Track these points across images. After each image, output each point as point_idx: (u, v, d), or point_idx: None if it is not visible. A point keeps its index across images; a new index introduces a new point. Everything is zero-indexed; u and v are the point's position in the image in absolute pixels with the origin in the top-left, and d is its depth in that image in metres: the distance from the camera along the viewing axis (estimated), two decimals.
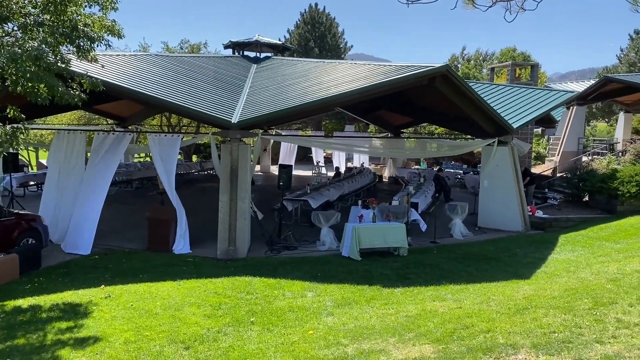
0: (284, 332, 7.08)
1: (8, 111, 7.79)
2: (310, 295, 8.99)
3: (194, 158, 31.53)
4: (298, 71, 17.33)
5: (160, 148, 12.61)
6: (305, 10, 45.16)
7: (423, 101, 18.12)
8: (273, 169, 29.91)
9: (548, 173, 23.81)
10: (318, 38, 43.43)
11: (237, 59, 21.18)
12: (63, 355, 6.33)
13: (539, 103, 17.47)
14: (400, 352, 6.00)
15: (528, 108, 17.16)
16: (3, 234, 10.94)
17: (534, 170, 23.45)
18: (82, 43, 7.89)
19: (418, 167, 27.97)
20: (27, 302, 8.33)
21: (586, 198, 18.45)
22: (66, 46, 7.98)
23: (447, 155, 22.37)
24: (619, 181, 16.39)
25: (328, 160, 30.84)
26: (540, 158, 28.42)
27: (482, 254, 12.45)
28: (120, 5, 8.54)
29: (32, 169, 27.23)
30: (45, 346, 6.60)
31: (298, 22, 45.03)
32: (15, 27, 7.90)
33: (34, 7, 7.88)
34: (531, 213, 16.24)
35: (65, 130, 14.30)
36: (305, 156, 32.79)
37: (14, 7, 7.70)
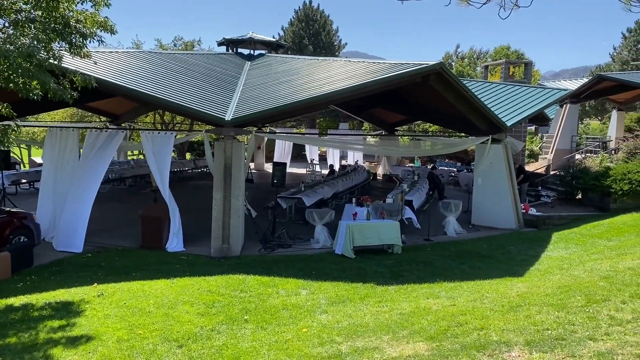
0: (278, 330, 7.06)
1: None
2: (304, 293, 8.98)
3: (188, 156, 31.45)
4: (292, 69, 17.29)
5: (153, 145, 12.54)
6: (299, 7, 45.17)
7: (417, 99, 18.13)
8: (267, 167, 29.88)
9: (541, 171, 23.93)
10: (312, 35, 43.41)
11: (231, 56, 21.13)
12: (55, 354, 6.28)
13: (533, 101, 17.52)
14: (394, 350, 6.00)
15: (522, 106, 17.20)
16: None
17: (528, 168, 23.53)
18: (75, 39, 7.83)
19: (412, 165, 28.02)
20: (19, 301, 8.27)
21: (579, 196, 18.52)
22: (58, 42, 7.92)
23: (441, 153, 22.40)
24: (612, 179, 16.45)
25: (322, 158, 30.84)
26: (533, 156, 28.53)
27: (476, 252, 12.48)
28: (113, 3, 8.49)
29: (25, 167, 27.06)
30: (37, 345, 6.54)
31: (292, 20, 45.00)
32: (6, 24, 7.83)
33: (26, 3, 7.81)
34: (525, 211, 16.32)
35: (57, 127, 14.21)
36: (299, 154, 32.77)
37: (6, 3, 7.63)
